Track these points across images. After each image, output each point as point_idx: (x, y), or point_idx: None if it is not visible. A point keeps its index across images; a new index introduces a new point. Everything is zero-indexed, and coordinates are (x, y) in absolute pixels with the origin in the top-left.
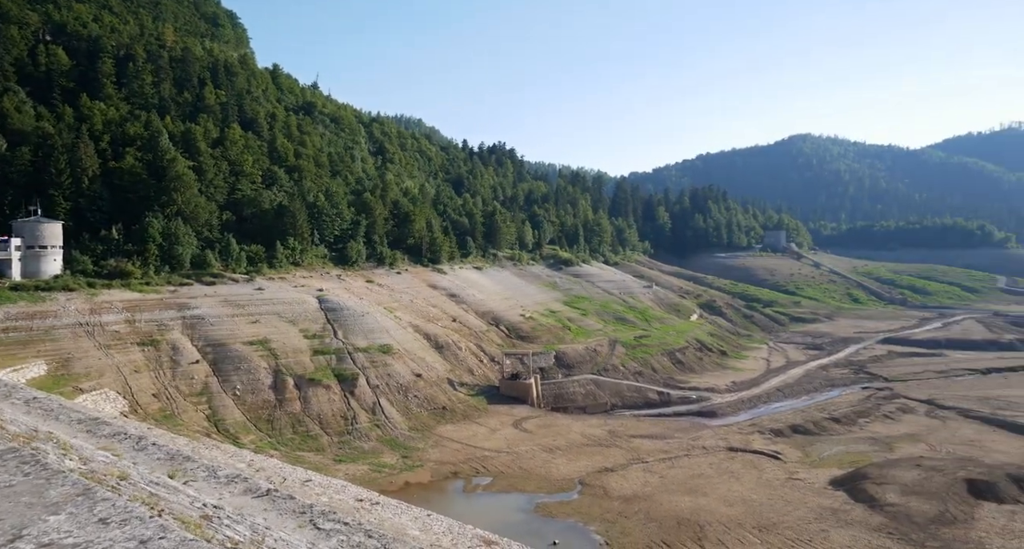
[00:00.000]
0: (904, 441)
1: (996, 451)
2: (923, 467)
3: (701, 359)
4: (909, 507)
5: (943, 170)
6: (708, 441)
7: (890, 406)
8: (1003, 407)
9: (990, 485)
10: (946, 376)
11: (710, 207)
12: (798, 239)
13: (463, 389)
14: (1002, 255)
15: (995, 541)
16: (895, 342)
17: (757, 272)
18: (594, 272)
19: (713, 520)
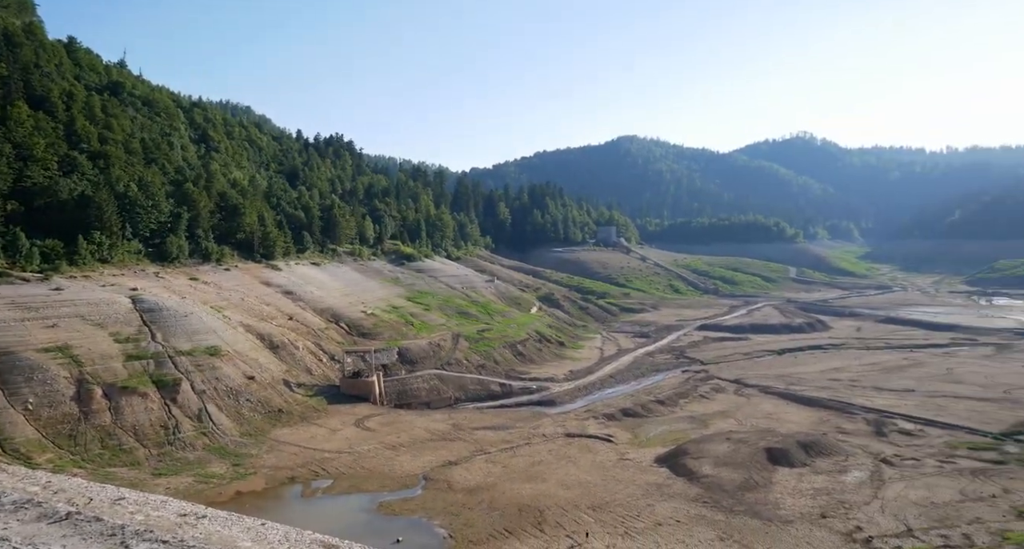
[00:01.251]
0: (717, 418)
1: (789, 422)
2: (732, 440)
3: (541, 350)
4: (720, 477)
5: (746, 172)
6: (547, 429)
7: (705, 387)
8: (794, 383)
9: (784, 452)
10: (750, 357)
11: (548, 203)
12: (627, 234)
13: (301, 390)
14: (793, 249)
15: (787, 500)
16: (709, 328)
17: (591, 266)
18: (437, 267)
19: (552, 504)
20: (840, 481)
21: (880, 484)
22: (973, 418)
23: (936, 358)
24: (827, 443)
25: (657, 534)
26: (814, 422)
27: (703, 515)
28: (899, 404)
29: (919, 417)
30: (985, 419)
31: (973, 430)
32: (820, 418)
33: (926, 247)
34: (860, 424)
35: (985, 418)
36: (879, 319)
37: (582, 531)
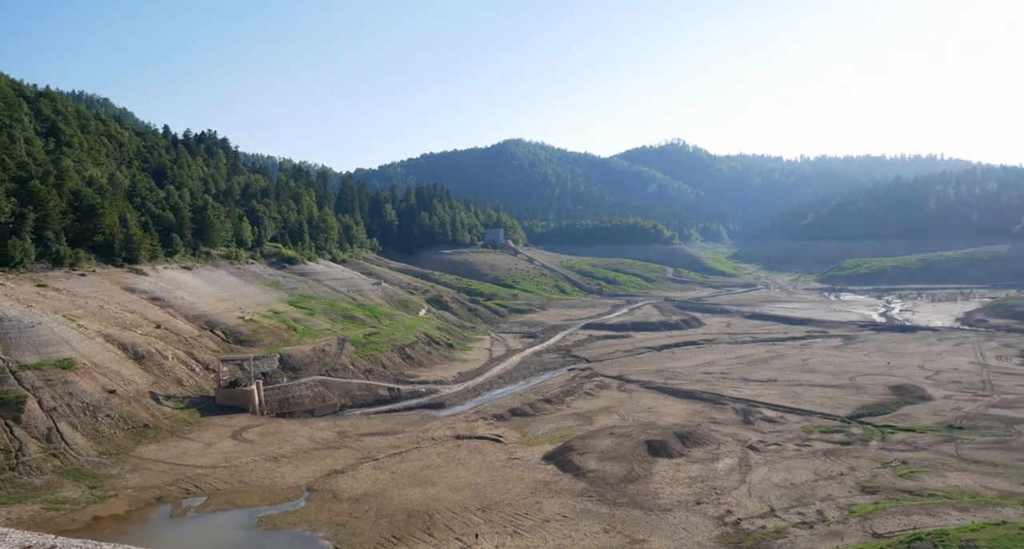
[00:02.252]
0: (601, 414)
1: (668, 415)
2: (616, 435)
3: (430, 353)
4: (605, 471)
5: (627, 176)
6: (437, 432)
7: (591, 384)
8: (672, 377)
9: (663, 444)
10: (632, 354)
11: (435, 205)
12: (515, 236)
13: (170, 402)
14: (670, 250)
15: (666, 490)
16: (594, 327)
17: (480, 267)
18: (321, 270)
19: (441, 507)
20: (713, 469)
21: (747, 469)
22: (825, 404)
23: (795, 350)
24: (701, 433)
25: (545, 530)
26: (690, 414)
27: (588, 509)
28: (763, 394)
29: (781, 405)
30: (835, 404)
31: (825, 415)
32: (695, 410)
33: (785, 248)
34: (730, 414)
35: (835, 404)
36: (746, 315)
37: (472, 533)
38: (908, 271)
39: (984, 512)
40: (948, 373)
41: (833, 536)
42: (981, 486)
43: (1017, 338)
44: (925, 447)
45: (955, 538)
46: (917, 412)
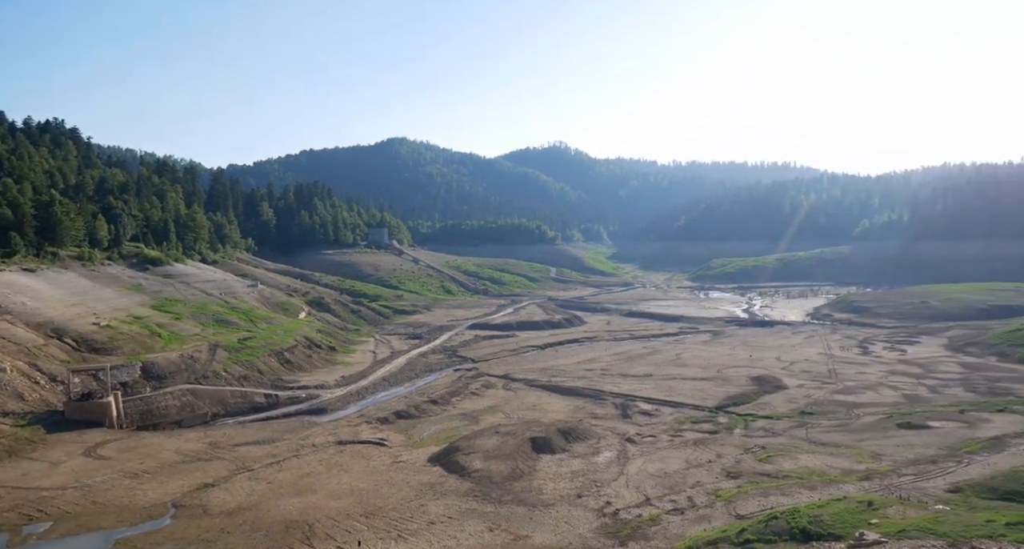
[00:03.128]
0: (487, 413)
1: (551, 411)
2: (501, 433)
3: (311, 357)
4: (490, 470)
5: (512, 177)
6: (318, 438)
7: (476, 384)
8: (556, 375)
9: (547, 441)
10: (517, 353)
11: (316, 204)
12: (399, 236)
13: (8, 420)
14: (553, 250)
15: (549, 485)
16: (479, 327)
17: (363, 268)
18: (190, 272)
19: (322, 516)
20: (593, 462)
21: (625, 461)
22: (696, 396)
23: (669, 346)
24: (583, 429)
25: (430, 533)
26: (572, 410)
27: (474, 509)
28: (640, 388)
29: (656, 399)
30: (704, 396)
31: (696, 406)
32: (577, 406)
33: (659, 248)
34: (610, 408)
35: (704, 395)
36: (624, 313)
37: (354, 540)
38: (767, 270)
39: (829, 489)
40: (800, 364)
41: (701, 520)
42: (827, 466)
43: (856, 330)
44: (781, 433)
45: (805, 514)
46: (775, 401)
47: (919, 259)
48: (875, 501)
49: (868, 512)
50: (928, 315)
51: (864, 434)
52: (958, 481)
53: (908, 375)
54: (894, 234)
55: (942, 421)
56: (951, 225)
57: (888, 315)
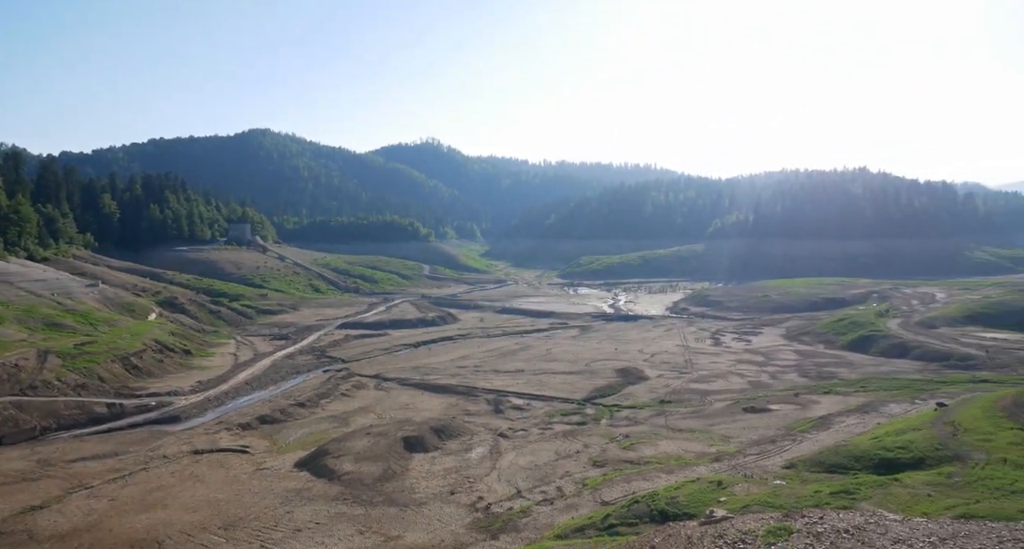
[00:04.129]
0: (358, 414)
1: (424, 410)
2: (372, 434)
3: (162, 361)
4: (361, 472)
5: (383, 173)
6: (170, 448)
7: (347, 384)
8: (429, 373)
9: (420, 439)
10: (389, 352)
11: (168, 197)
12: (263, 232)
13: None
14: (427, 248)
15: (421, 484)
16: (350, 326)
17: (223, 266)
18: (13, 270)
19: (175, 532)
20: (466, 458)
21: (498, 456)
22: (565, 389)
23: (540, 341)
24: (456, 425)
25: (296, 541)
26: (445, 407)
27: (343, 512)
28: (512, 384)
29: (527, 393)
30: (573, 389)
31: (565, 399)
32: (451, 403)
33: (531, 246)
34: (483, 405)
35: (573, 388)
36: (497, 310)
37: None
38: (631, 267)
39: (684, 472)
40: (661, 355)
41: (570, 509)
42: (683, 450)
43: (710, 323)
44: (643, 421)
45: (663, 496)
46: (637, 391)
47: (763, 256)
48: (724, 480)
49: (718, 491)
50: (769, 308)
51: (715, 419)
52: (792, 458)
53: (753, 363)
54: (742, 233)
55: (780, 404)
56: (788, 225)
57: (736, 308)
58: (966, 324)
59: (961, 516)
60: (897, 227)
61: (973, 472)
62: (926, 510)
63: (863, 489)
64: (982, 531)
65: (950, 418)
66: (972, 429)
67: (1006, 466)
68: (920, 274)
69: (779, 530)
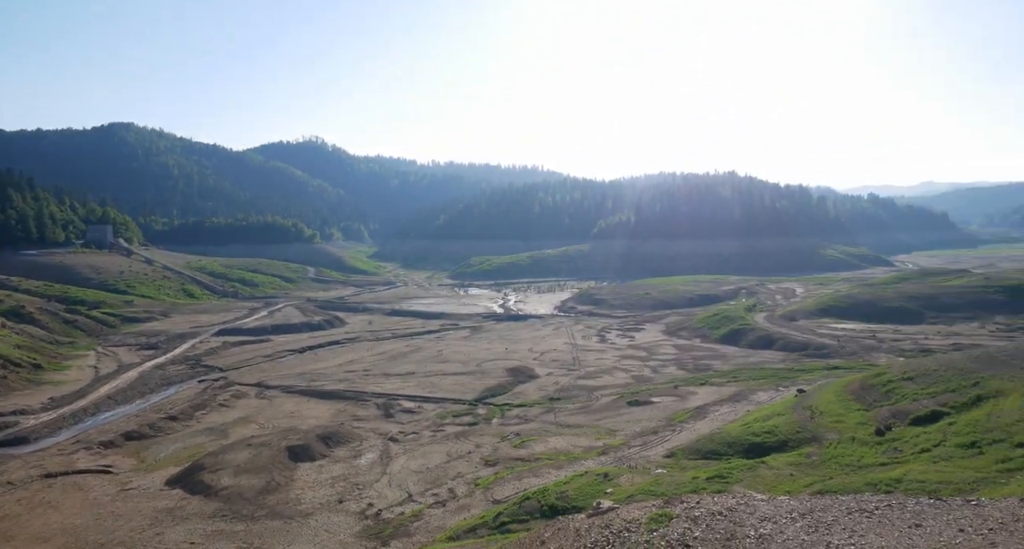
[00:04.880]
0: (238, 425)
1: (311, 417)
2: (253, 445)
3: (6, 378)
4: (241, 486)
5: (263, 172)
6: (16, 473)
7: (225, 394)
8: (315, 379)
9: (305, 448)
10: (272, 359)
11: (12, 195)
12: (128, 235)
13: None
14: (311, 250)
15: (308, 494)
16: (229, 333)
17: (81, 271)
18: None
19: None
20: (355, 465)
21: (388, 461)
22: (456, 390)
23: (430, 343)
24: (344, 432)
25: None
26: (333, 414)
27: (221, 529)
28: (403, 387)
29: (419, 396)
30: (465, 390)
31: (457, 400)
32: (339, 409)
33: (421, 246)
34: (372, 409)
35: (464, 389)
36: (387, 312)
37: None
38: (520, 267)
39: (573, 466)
40: (550, 353)
41: (462, 509)
42: (571, 445)
43: (596, 320)
44: (533, 419)
45: (553, 492)
46: (528, 389)
47: (644, 255)
48: (610, 472)
49: (604, 483)
50: (651, 304)
51: (602, 413)
52: (673, 447)
53: (636, 358)
54: (625, 233)
55: (661, 396)
56: (666, 226)
57: (620, 306)
58: (821, 316)
59: (818, 492)
60: (762, 227)
61: (827, 451)
62: (789, 488)
63: (735, 473)
64: (834, 504)
65: (808, 403)
66: (826, 412)
67: (854, 444)
68: (782, 271)
69: (661, 517)
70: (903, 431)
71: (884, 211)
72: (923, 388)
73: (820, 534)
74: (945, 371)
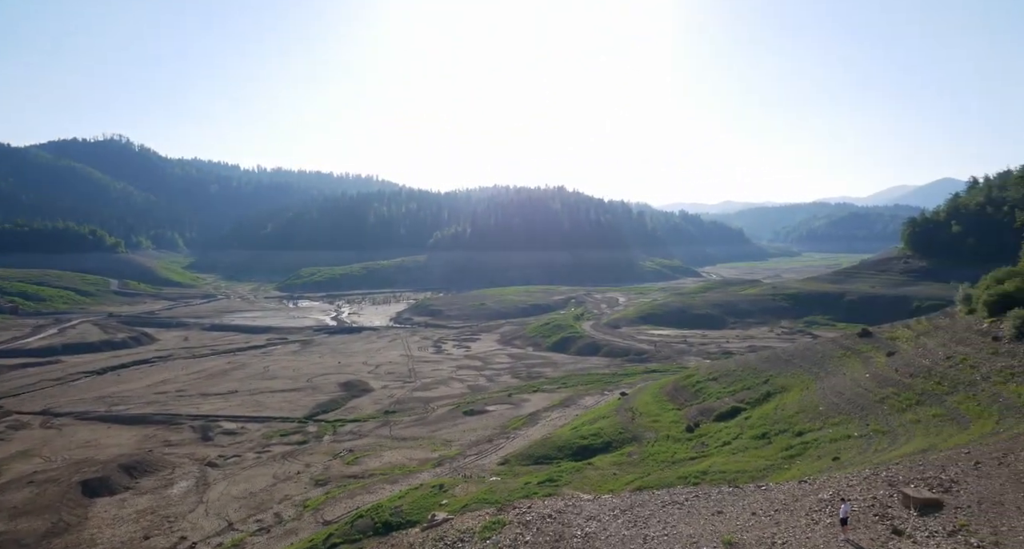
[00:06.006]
0: (17, 460)
1: (111, 446)
2: (36, 482)
3: None
4: (19, 530)
5: (52, 172)
6: None
7: (0, 426)
8: (118, 403)
9: (103, 480)
10: (63, 382)
11: None
12: None
13: None
14: (114, 260)
15: (106, 533)
16: (6, 354)
17: None
18: None
19: None
20: (166, 496)
21: (205, 488)
22: (285, 408)
23: (256, 358)
24: (152, 460)
25: None
26: (140, 440)
27: None
28: (224, 407)
29: (242, 416)
30: (294, 407)
31: (285, 418)
32: (147, 435)
33: (245, 257)
34: (187, 433)
35: (294, 406)
36: (205, 327)
37: None
38: (355, 278)
39: (408, 480)
40: (385, 366)
41: (289, 534)
42: (407, 458)
43: (432, 331)
44: (368, 433)
45: (387, 508)
46: (362, 404)
47: (480, 266)
48: (445, 483)
49: (439, 495)
50: (486, 314)
51: (438, 425)
52: (507, 454)
53: (472, 368)
54: (461, 244)
55: (496, 405)
56: (501, 237)
57: (456, 316)
58: (640, 323)
59: (637, 488)
60: (589, 239)
61: (646, 449)
62: (612, 487)
63: (564, 475)
64: (651, 499)
65: (630, 405)
66: (645, 413)
67: (668, 441)
68: (607, 281)
69: (494, 524)
70: (709, 427)
71: (693, 226)
72: (725, 387)
73: (639, 528)
74: (742, 371)
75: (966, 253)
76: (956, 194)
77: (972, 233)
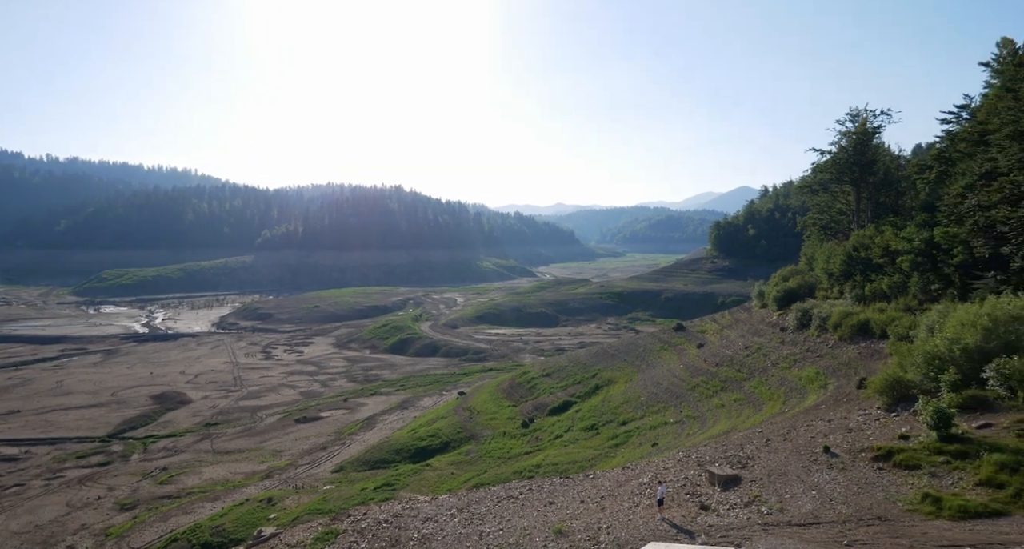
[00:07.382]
0: None
1: None
2: None
3: None
4: None
5: None
6: None
7: None
8: None
9: None
10: None
11: None
12: None
13: None
14: None
15: None
16: None
17: None
18: None
19: None
20: None
21: None
22: (83, 426)
23: (46, 372)
24: None
25: None
26: None
27: None
28: (2, 429)
29: (25, 438)
30: (94, 425)
31: (82, 438)
32: None
33: (32, 258)
34: None
35: (94, 424)
36: None
37: None
38: (170, 280)
39: (233, 496)
40: (206, 375)
41: None
42: (231, 473)
43: (261, 336)
44: (185, 449)
45: (207, 527)
46: (178, 417)
47: (314, 267)
48: (274, 496)
49: (268, 508)
50: (321, 317)
51: (267, 434)
52: (342, 461)
53: (305, 373)
54: (292, 244)
55: (331, 411)
56: (337, 237)
57: (288, 320)
58: (478, 323)
59: (474, 486)
60: (427, 240)
61: (483, 447)
62: (450, 487)
63: (402, 479)
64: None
65: (467, 404)
66: (483, 411)
67: (505, 438)
68: (446, 281)
69: (327, 534)
70: (543, 421)
71: (527, 227)
72: (557, 382)
73: (475, 526)
74: (573, 366)
75: (760, 254)
76: (751, 201)
77: (764, 236)
